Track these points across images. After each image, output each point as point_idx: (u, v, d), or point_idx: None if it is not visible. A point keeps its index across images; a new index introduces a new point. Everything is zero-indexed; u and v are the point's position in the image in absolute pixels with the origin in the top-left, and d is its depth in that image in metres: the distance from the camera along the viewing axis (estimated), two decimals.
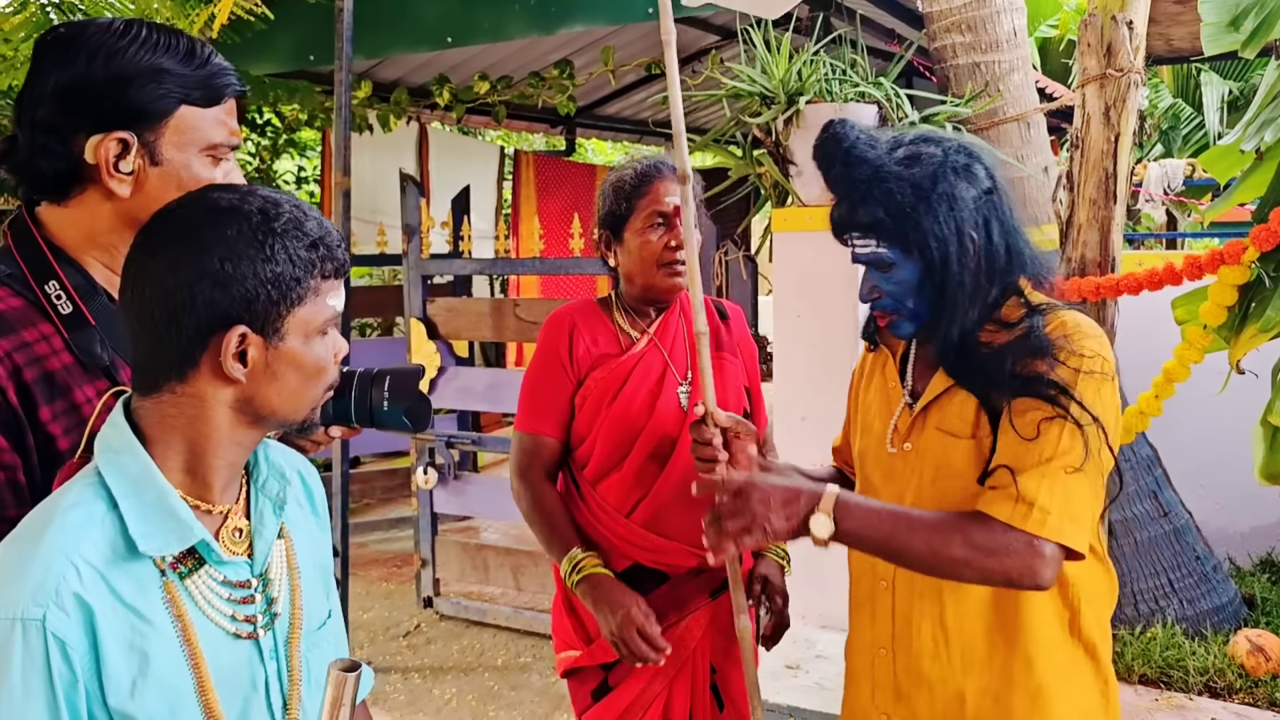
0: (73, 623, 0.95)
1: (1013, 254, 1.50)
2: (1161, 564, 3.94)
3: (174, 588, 1.03)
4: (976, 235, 1.46)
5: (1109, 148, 3.14)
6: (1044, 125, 4.18)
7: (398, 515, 5.95)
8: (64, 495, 1.03)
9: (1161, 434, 3.91)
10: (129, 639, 0.99)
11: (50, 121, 1.21)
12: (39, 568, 0.96)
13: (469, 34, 4.81)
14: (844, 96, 3.89)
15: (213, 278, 1.01)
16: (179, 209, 1.07)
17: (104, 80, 1.21)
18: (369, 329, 7.60)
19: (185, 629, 1.03)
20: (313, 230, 1.07)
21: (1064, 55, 10.05)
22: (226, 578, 1.09)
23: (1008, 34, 4.03)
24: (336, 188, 3.89)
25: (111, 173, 1.22)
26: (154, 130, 1.23)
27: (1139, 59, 3.13)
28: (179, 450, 1.06)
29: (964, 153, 1.49)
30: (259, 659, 1.11)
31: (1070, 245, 3.25)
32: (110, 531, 1.01)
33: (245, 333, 1.03)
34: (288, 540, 1.19)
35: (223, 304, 1.01)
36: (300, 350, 1.07)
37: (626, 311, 2.10)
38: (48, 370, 1.20)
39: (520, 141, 11.81)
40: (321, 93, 5.93)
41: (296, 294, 1.05)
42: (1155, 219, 8.99)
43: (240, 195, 1.06)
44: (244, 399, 1.06)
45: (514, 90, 6.21)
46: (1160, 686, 3.54)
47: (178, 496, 1.05)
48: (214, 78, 1.26)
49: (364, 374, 1.31)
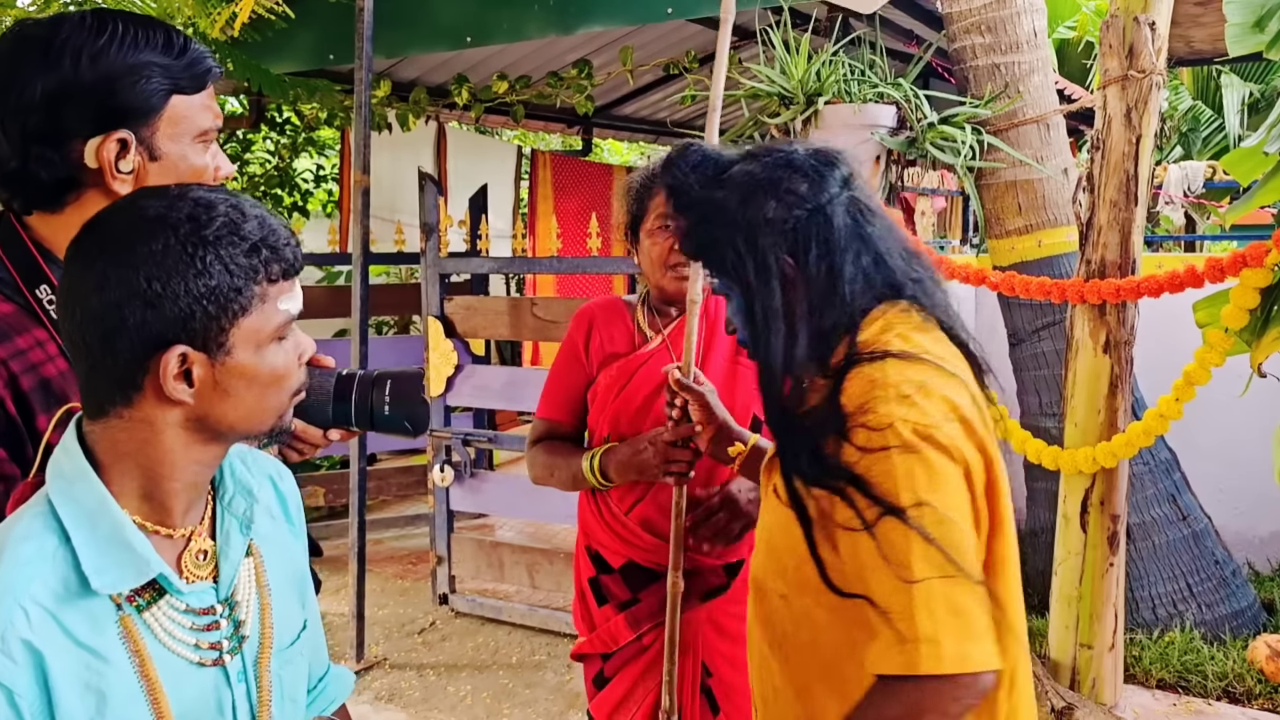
0: (20, 669, 0.91)
1: (836, 279, 1.25)
2: (1180, 568, 3.92)
3: (131, 621, 0.98)
4: (789, 260, 1.26)
5: (1130, 149, 3.13)
6: (1063, 127, 4.17)
7: (414, 512, 5.97)
8: (13, 526, 0.97)
9: (1181, 437, 3.89)
10: (84, 679, 0.94)
11: (43, 130, 1.16)
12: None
13: (488, 34, 4.82)
14: (862, 97, 3.89)
15: (142, 297, 0.93)
16: (108, 218, 0.99)
17: (93, 82, 1.16)
18: (386, 327, 7.63)
19: (143, 664, 0.98)
20: (251, 232, 0.98)
21: (1082, 57, 10.00)
22: (189, 605, 1.04)
23: (1028, 35, 4.01)
24: (356, 186, 3.91)
25: (114, 174, 1.19)
26: (149, 125, 1.20)
27: (1161, 60, 3.12)
28: (133, 476, 1.00)
29: (785, 165, 1.29)
30: (226, 683, 1.06)
31: (1090, 247, 3.23)
32: (62, 567, 0.95)
33: (185, 352, 0.96)
34: (256, 557, 1.13)
35: (156, 325, 0.94)
36: (251, 362, 1.00)
37: (650, 311, 2.11)
38: (44, 377, 1.17)
39: (537, 141, 11.83)
40: (341, 91, 5.95)
41: (238, 304, 0.97)
42: (1174, 221, 8.94)
43: (169, 201, 0.97)
44: (196, 418, 1.00)
45: (532, 90, 6.22)
46: (1178, 691, 3.52)
47: (134, 528, 0.98)
48: (197, 64, 1.23)
49: (364, 377, 1.28)
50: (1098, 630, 3.29)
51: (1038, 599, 4.09)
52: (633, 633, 2.01)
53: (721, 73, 1.91)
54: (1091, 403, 3.26)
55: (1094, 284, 3.16)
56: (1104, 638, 3.30)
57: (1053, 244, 4.04)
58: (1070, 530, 3.33)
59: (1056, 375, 4.00)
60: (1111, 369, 3.23)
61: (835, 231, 1.26)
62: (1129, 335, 3.25)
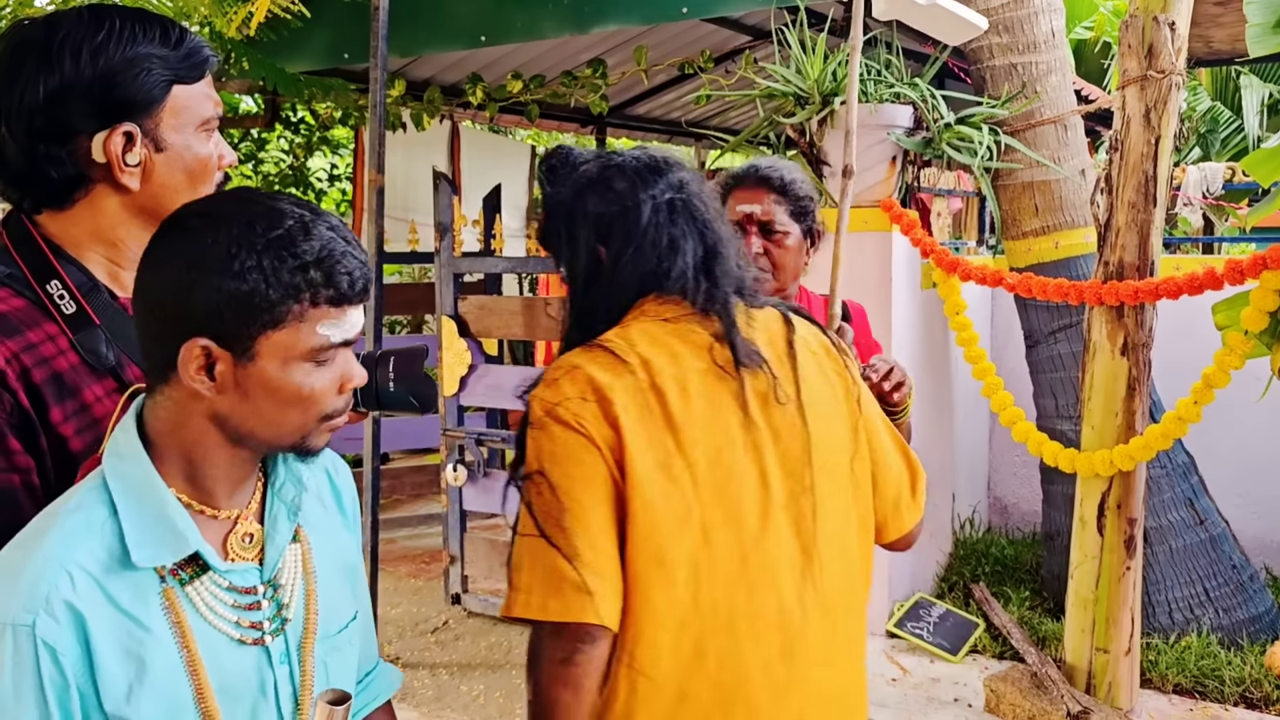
0: (63, 629, 0.95)
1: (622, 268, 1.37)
2: (1197, 572, 3.89)
3: (174, 594, 1.02)
4: (601, 248, 1.38)
5: (1149, 150, 3.10)
6: (1081, 127, 4.14)
7: (427, 511, 5.98)
8: (69, 498, 1.03)
9: (1199, 441, 3.86)
10: (125, 645, 0.98)
11: (48, 129, 1.18)
12: (32, 574, 0.96)
13: (503, 33, 4.83)
14: (879, 97, 3.87)
15: (178, 285, 0.99)
16: (193, 206, 1.07)
17: (94, 77, 1.18)
18: (399, 326, 7.65)
19: (184, 636, 1.02)
20: (307, 252, 0.99)
21: (1100, 57, 9.94)
22: (232, 584, 1.07)
23: (1046, 35, 3.99)
24: (370, 185, 3.91)
25: (122, 167, 1.20)
26: (153, 117, 1.21)
27: (1180, 61, 3.09)
28: (176, 456, 1.05)
29: (613, 167, 1.41)
30: (268, 664, 1.09)
31: (1108, 249, 3.21)
32: (109, 538, 1.00)
33: (209, 346, 0.99)
34: (304, 544, 1.16)
35: (186, 314, 0.99)
36: (275, 374, 1.01)
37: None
38: (56, 371, 1.17)
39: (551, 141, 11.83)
40: (356, 90, 5.96)
41: (269, 316, 0.99)
42: (1192, 223, 8.88)
43: (244, 204, 1.03)
44: (218, 414, 1.03)
45: (547, 89, 6.22)
46: (1195, 696, 3.50)
47: (178, 505, 1.03)
48: (194, 53, 1.25)
49: (367, 356, 1.28)
50: (1114, 634, 3.27)
51: (1054, 602, 4.07)
52: None
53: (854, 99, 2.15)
54: (1109, 405, 3.24)
55: (1112, 286, 3.14)
56: (1120, 642, 3.27)
57: (1070, 245, 4.02)
58: (1087, 534, 3.31)
59: (1073, 378, 3.97)
60: (1129, 371, 3.21)
61: (639, 227, 1.37)
62: (1147, 337, 3.22)
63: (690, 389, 1.31)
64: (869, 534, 1.44)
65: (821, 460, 1.35)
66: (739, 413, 1.32)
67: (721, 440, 1.31)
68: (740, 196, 2.07)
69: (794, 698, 1.32)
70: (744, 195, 2.07)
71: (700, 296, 1.36)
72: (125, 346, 1.21)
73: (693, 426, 1.30)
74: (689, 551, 1.28)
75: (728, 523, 1.30)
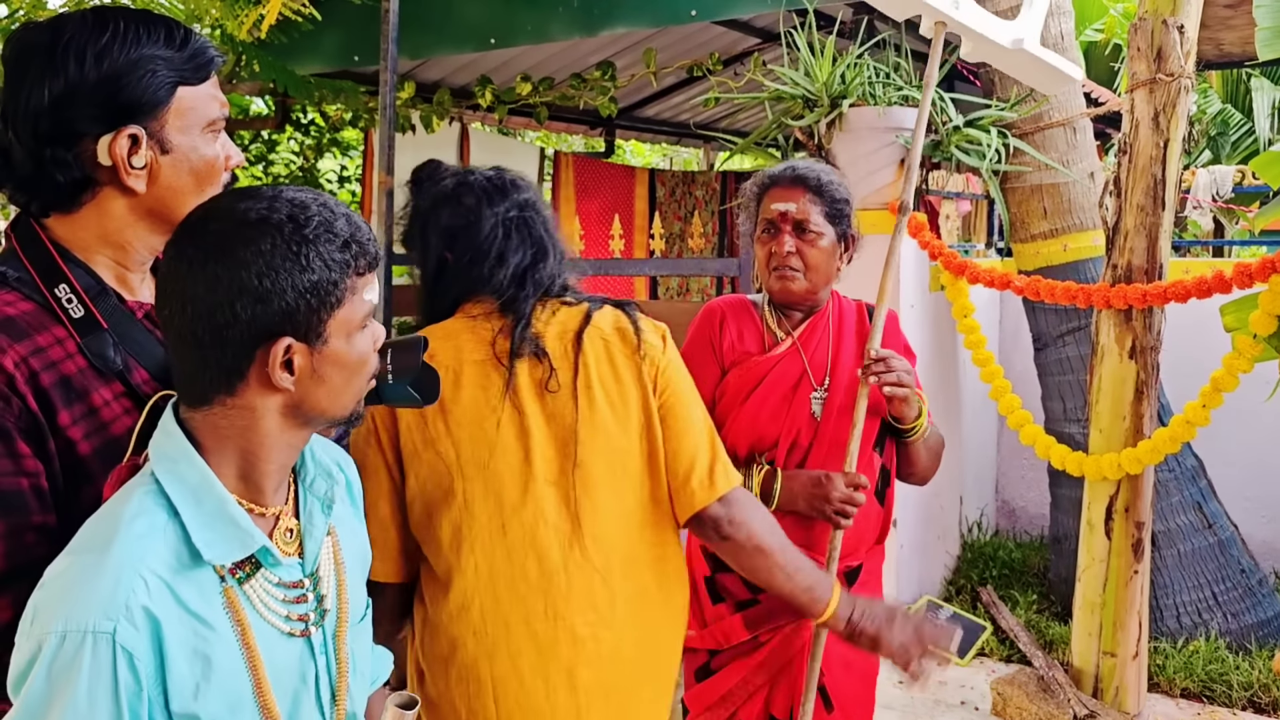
0: (141, 634, 0.96)
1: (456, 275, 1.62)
2: (1205, 576, 3.88)
3: (233, 593, 1.05)
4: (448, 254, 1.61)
5: (1158, 153, 3.10)
6: (1090, 130, 4.14)
7: None
8: (124, 505, 1.02)
9: (1207, 445, 3.85)
10: (193, 645, 1.00)
11: (54, 132, 1.18)
12: (109, 580, 0.96)
13: (512, 35, 4.84)
14: (887, 100, 3.87)
15: (253, 294, 1.00)
16: (209, 221, 1.05)
17: (99, 80, 1.17)
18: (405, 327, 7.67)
19: (244, 633, 1.04)
20: (343, 230, 1.06)
21: (1109, 60, 9.92)
22: (281, 579, 1.10)
23: (1055, 38, 3.99)
24: (380, 187, 3.93)
25: (128, 170, 1.19)
26: (157, 119, 1.20)
27: (1190, 63, 3.09)
28: (232, 458, 1.07)
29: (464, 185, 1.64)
30: (310, 654, 1.13)
31: (1117, 252, 3.21)
32: (173, 541, 1.01)
33: (290, 343, 1.03)
34: (334, 536, 1.20)
35: (264, 318, 1.01)
36: (344, 350, 1.07)
37: (775, 311, 2.13)
38: (64, 374, 1.17)
39: (559, 143, 11.85)
40: (365, 93, 5.98)
41: (335, 297, 1.04)
42: (1202, 226, 8.86)
43: (268, 203, 1.04)
44: (293, 404, 1.07)
45: (556, 91, 6.23)
46: (1203, 701, 3.49)
47: (236, 504, 1.05)
48: (199, 54, 1.24)
49: None
50: (1121, 638, 3.26)
51: (1061, 606, 4.06)
52: (749, 633, 2.03)
53: (923, 121, 2.23)
54: (1117, 409, 3.23)
55: (1120, 289, 3.13)
56: (1128, 646, 3.27)
57: (1078, 248, 4.01)
58: (1094, 537, 3.31)
59: (1081, 381, 3.96)
60: (1137, 375, 3.20)
61: (479, 239, 1.59)
62: (1155, 341, 3.22)
63: (463, 378, 1.53)
64: (660, 507, 1.59)
65: (595, 439, 1.53)
66: (507, 398, 1.53)
67: (488, 422, 1.51)
68: (776, 195, 2.07)
69: (560, 652, 1.49)
70: (780, 194, 2.07)
71: (505, 298, 1.57)
72: (132, 350, 1.22)
73: (460, 410, 1.52)
74: (452, 519, 1.50)
75: (487, 495, 1.50)
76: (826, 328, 2.12)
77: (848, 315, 2.16)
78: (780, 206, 2.05)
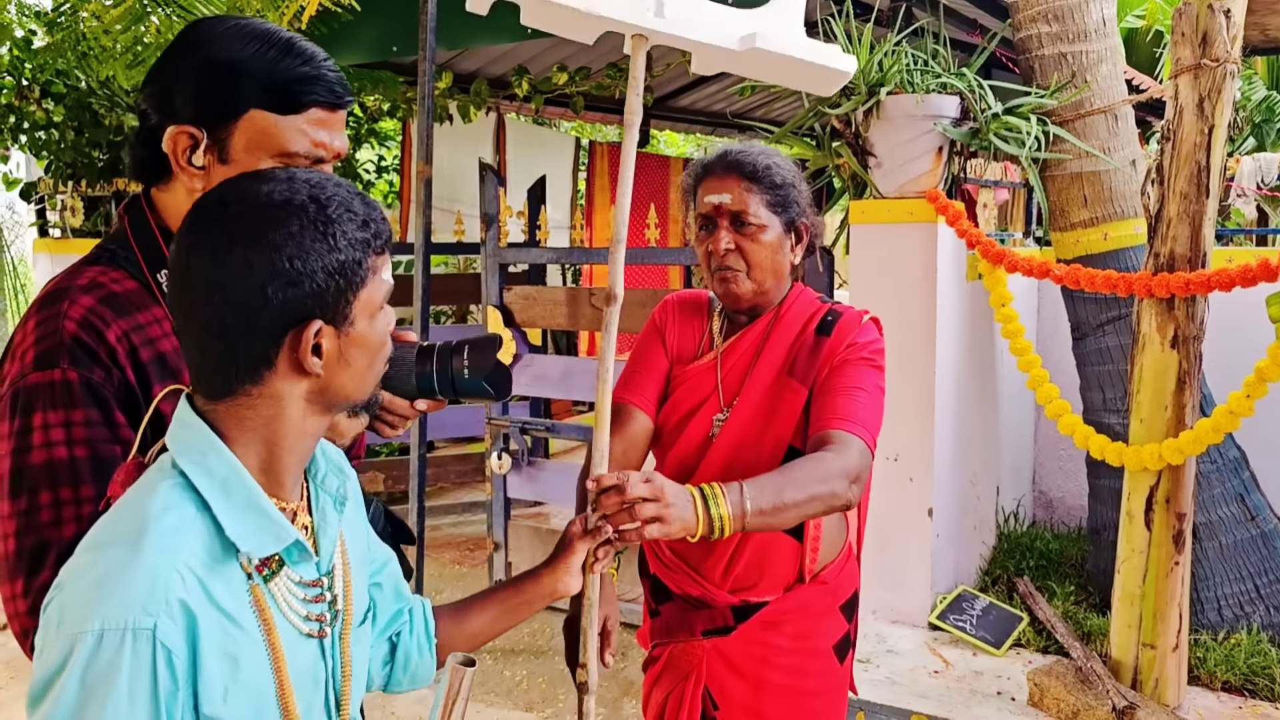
0: (178, 631, 0.92)
1: None
2: (1247, 569, 3.83)
3: (260, 591, 1.02)
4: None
5: (1202, 140, 3.06)
6: (1132, 117, 4.08)
7: (471, 499, 6.05)
8: (149, 498, 0.98)
9: (1251, 435, 3.80)
10: (222, 644, 0.96)
11: (143, 110, 1.25)
12: (145, 575, 0.91)
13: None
14: (925, 88, 3.85)
15: (285, 277, 0.97)
16: (227, 205, 1.01)
17: (185, 74, 1.21)
18: (444, 316, 7.72)
19: (270, 632, 1.01)
20: (360, 210, 1.03)
21: (1151, 46, 9.76)
22: (301, 578, 1.08)
23: (1096, 23, 3.94)
24: (418, 177, 3.97)
25: (183, 165, 1.23)
26: (224, 129, 1.22)
27: (1235, 49, 3.04)
28: (256, 450, 1.04)
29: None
30: (321, 656, 1.11)
31: (1159, 240, 3.17)
32: (203, 535, 0.98)
33: (320, 326, 1.01)
34: (341, 536, 1.18)
35: (296, 302, 0.99)
36: (366, 331, 1.05)
37: (723, 314, 1.93)
38: (160, 352, 1.24)
39: (595, 133, 11.86)
40: (404, 83, 6.03)
41: (359, 277, 1.03)
42: (1246, 214, 8.71)
43: (286, 184, 1.01)
44: (318, 390, 1.04)
45: (591, 81, 6.25)
46: (1244, 695, 3.45)
47: (266, 497, 1.02)
48: (296, 84, 1.22)
49: (444, 346, 1.32)
50: (1161, 630, 3.24)
51: (1099, 597, 4.03)
52: (650, 642, 1.98)
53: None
54: (1158, 399, 3.20)
55: (1163, 278, 3.10)
56: (1168, 638, 3.24)
57: (1119, 237, 3.97)
58: (1134, 528, 3.28)
59: (1121, 370, 3.92)
60: (1179, 364, 3.17)
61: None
62: (1198, 330, 3.18)
63: None
64: None
65: None
66: None
67: None
68: (709, 186, 1.83)
69: None
70: (713, 184, 1.83)
71: None
72: None
73: None
74: None
75: None
76: (759, 338, 1.86)
77: (791, 324, 1.86)
78: (714, 199, 1.81)
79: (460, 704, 1.14)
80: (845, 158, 4.01)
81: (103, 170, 6.16)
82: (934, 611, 3.97)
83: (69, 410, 1.17)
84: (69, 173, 6.18)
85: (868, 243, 4.02)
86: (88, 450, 1.17)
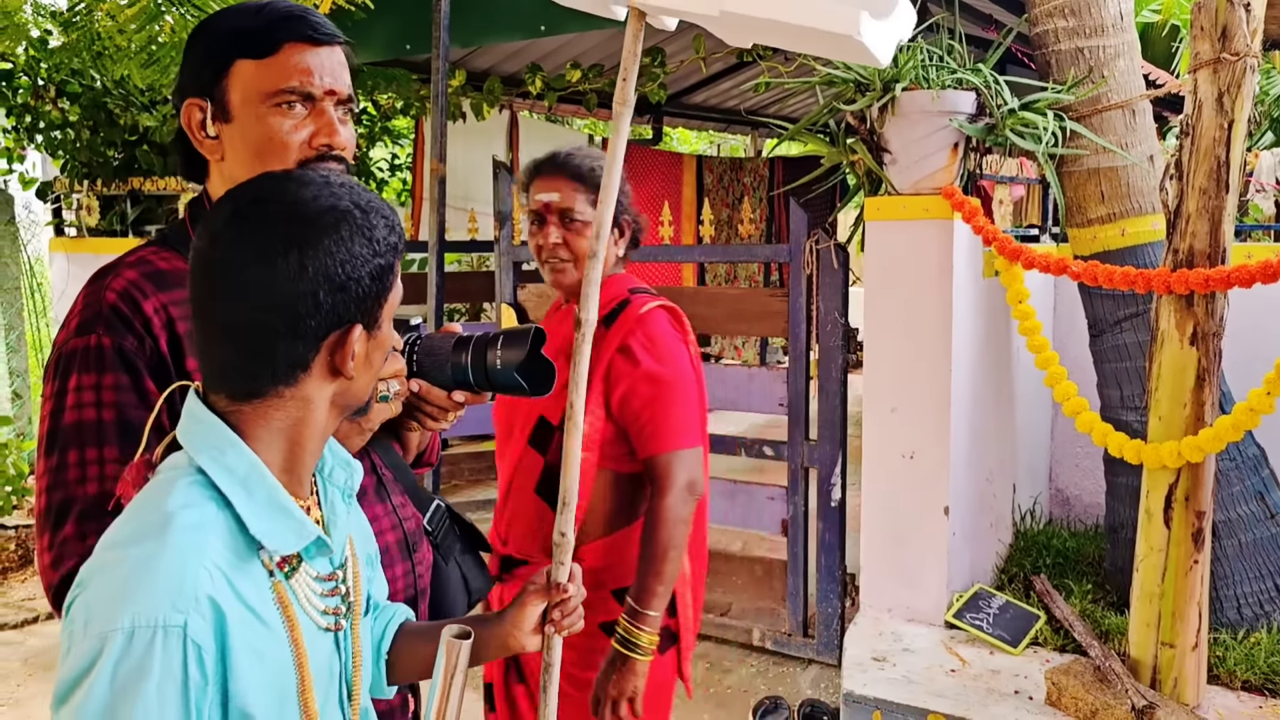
0: (208, 628, 0.91)
1: None
2: (1267, 567, 3.80)
3: (282, 587, 1.02)
4: None
5: (1221, 135, 3.03)
6: (1149, 113, 4.05)
7: (484, 497, 6.06)
8: (166, 496, 0.97)
9: (1270, 433, 3.77)
10: (248, 639, 0.96)
11: (175, 110, 1.33)
12: (173, 571, 0.91)
13: (562, 23, 4.85)
14: (941, 83, 3.83)
15: (336, 283, 0.98)
16: (267, 205, 1.00)
17: (189, 49, 1.32)
18: (456, 314, 7.73)
19: (293, 628, 1.01)
20: (388, 214, 1.05)
21: (1167, 41, 9.68)
22: (318, 573, 1.08)
23: (1114, 18, 3.91)
24: (432, 175, 3.97)
25: (200, 139, 1.30)
26: (219, 88, 1.29)
27: (1256, 43, 3.01)
28: (280, 449, 1.03)
29: None
30: (335, 650, 1.11)
31: (1178, 236, 3.14)
32: (225, 533, 0.97)
33: (360, 330, 1.02)
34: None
35: (342, 307, 0.99)
36: (387, 334, 1.07)
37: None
38: None
39: (607, 130, 11.85)
40: (417, 81, 6.04)
41: (389, 280, 1.04)
42: (1264, 210, 8.64)
43: (326, 188, 1.01)
44: (342, 392, 1.05)
45: (605, 78, 6.24)
46: (1265, 694, 3.42)
47: (287, 494, 1.02)
48: (268, 26, 1.29)
49: (480, 337, 1.33)
50: (1180, 629, 3.21)
51: (1117, 596, 4.00)
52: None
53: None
54: (1177, 396, 3.18)
55: (1182, 274, 3.07)
56: (1187, 637, 3.22)
57: (1137, 233, 3.94)
58: (1153, 526, 3.25)
59: (1139, 368, 3.89)
60: (1198, 361, 3.14)
61: None
62: (1218, 327, 3.15)
63: None
64: None
65: None
66: None
67: None
68: (539, 185, 2.08)
69: None
70: (543, 184, 2.07)
71: None
72: None
73: None
74: None
75: None
76: (564, 332, 2.01)
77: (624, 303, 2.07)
78: (544, 197, 2.05)
79: (459, 676, 1.14)
80: (860, 154, 3.99)
81: (118, 169, 6.19)
82: (950, 610, 3.95)
83: (100, 374, 1.23)
84: (85, 172, 6.21)
85: (883, 239, 4.00)
86: (115, 413, 1.23)
